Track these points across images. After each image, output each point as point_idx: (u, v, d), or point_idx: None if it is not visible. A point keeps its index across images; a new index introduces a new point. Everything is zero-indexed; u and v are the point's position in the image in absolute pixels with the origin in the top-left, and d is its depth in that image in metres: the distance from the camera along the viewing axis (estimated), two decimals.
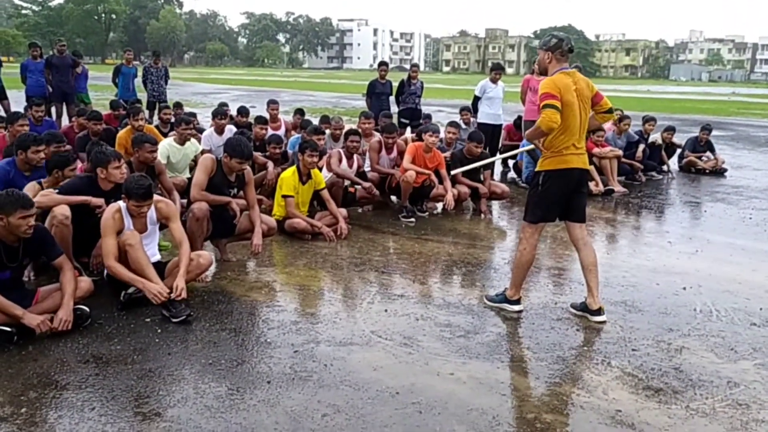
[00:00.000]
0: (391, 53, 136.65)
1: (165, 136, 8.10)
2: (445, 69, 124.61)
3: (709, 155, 11.39)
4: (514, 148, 9.84)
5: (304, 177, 6.41)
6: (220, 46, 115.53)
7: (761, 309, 4.73)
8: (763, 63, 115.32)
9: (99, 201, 4.65)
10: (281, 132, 8.97)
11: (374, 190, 7.35)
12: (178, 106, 10.95)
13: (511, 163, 10.28)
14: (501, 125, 10.01)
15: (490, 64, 11.05)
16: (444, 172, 7.46)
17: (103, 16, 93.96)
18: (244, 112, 9.50)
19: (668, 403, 3.34)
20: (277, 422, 3.07)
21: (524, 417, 3.18)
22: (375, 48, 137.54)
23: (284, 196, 6.31)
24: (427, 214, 7.60)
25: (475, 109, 9.85)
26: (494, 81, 9.78)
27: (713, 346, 4.06)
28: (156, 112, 11.23)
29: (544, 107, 4.09)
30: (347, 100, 27.75)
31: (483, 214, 7.65)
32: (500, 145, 10.19)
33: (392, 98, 11.48)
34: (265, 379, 3.49)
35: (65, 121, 11.59)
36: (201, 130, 9.07)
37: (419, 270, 5.55)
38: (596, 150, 9.33)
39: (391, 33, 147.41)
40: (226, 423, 3.05)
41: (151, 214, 4.59)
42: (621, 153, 9.75)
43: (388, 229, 6.92)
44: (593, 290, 4.39)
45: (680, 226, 7.47)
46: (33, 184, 4.97)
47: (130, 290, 4.34)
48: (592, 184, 8.86)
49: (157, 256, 4.75)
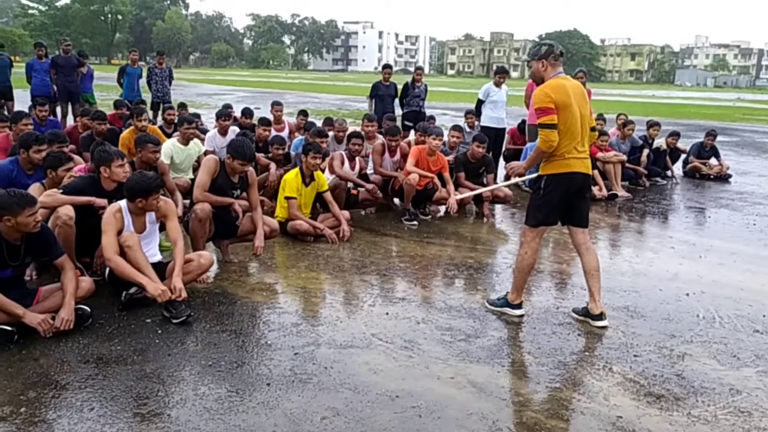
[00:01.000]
0: (396, 56, 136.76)
1: (169, 136, 8.10)
2: (450, 72, 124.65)
3: (713, 161, 11.37)
4: (518, 152, 9.86)
5: (307, 179, 6.40)
6: (225, 47, 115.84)
7: (764, 316, 4.71)
8: None
9: (103, 202, 4.65)
10: (285, 133, 8.98)
11: (378, 192, 7.34)
12: (182, 106, 10.95)
13: None
14: (504, 129, 9.99)
15: (494, 68, 11.04)
16: (447, 175, 7.46)
17: (109, 16, 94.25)
18: (248, 113, 9.51)
19: (670, 410, 3.32)
20: (276, 425, 3.06)
21: (524, 422, 3.16)
22: (380, 50, 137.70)
23: (287, 198, 6.30)
24: (430, 217, 7.59)
25: (479, 113, 9.84)
26: (498, 84, 9.77)
27: (716, 353, 4.04)
28: (160, 113, 11.24)
29: (541, 126, 4.06)
30: (352, 102, 27.76)
31: (485, 218, 7.64)
32: (504, 149, 10.18)
33: (396, 101, 11.48)
34: (265, 381, 3.48)
35: (70, 121, 11.60)
36: (205, 131, 9.07)
37: (421, 273, 5.53)
38: (600, 154, 9.32)
39: (396, 36, 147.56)
40: (226, 425, 3.04)
41: (150, 213, 4.59)
42: (625, 158, 9.73)
43: (391, 231, 6.91)
44: (595, 295, 4.37)
45: (684, 231, 7.44)
46: (37, 185, 4.98)
47: (131, 290, 4.34)
48: (595, 189, 8.84)
49: (157, 257, 4.74)
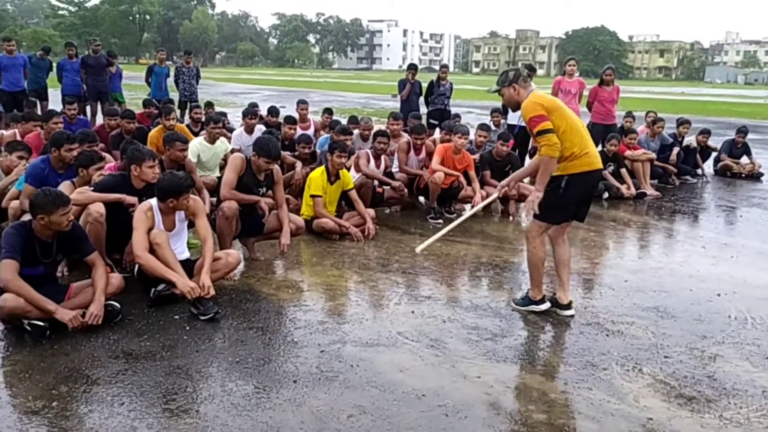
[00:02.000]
0: (421, 54, 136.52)
1: (196, 135, 8.18)
2: (475, 70, 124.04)
3: (745, 159, 11.15)
4: None
5: (333, 177, 6.42)
6: (251, 46, 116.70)
7: None
8: None
9: (132, 199, 4.71)
10: (310, 132, 9.01)
11: (404, 190, 7.34)
12: (209, 105, 11.06)
13: None
14: None
15: (520, 66, 10.97)
16: (473, 173, 7.42)
17: (138, 16, 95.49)
18: (274, 112, 9.56)
19: (701, 412, 3.26)
20: (303, 422, 3.07)
21: (552, 423, 3.13)
22: (404, 49, 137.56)
23: (312, 196, 6.32)
24: (455, 215, 7.56)
25: (506, 111, 9.77)
26: None
27: (748, 355, 3.96)
28: (187, 112, 11.36)
29: (539, 134, 4.00)
30: (376, 101, 27.79)
31: (511, 217, 7.59)
32: (530, 147, 10.08)
33: (421, 99, 11.45)
34: (292, 378, 3.49)
35: (100, 120, 11.78)
36: (231, 130, 9.15)
37: (446, 272, 5.52)
38: (628, 152, 9.20)
39: (421, 34, 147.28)
40: (253, 421, 3.06)
41: (180, 211, 4.64)
42: (654, 156, 9.59)
43: (416, 230, 6.90)
44: (565, 285, 4.48)
45: (714, 231, 7.31)
46: (67, 183, 5.06)
47: (160, 287, 4.39)
48: (623, 188, 8.74)
49: (186, 254, 4.79)
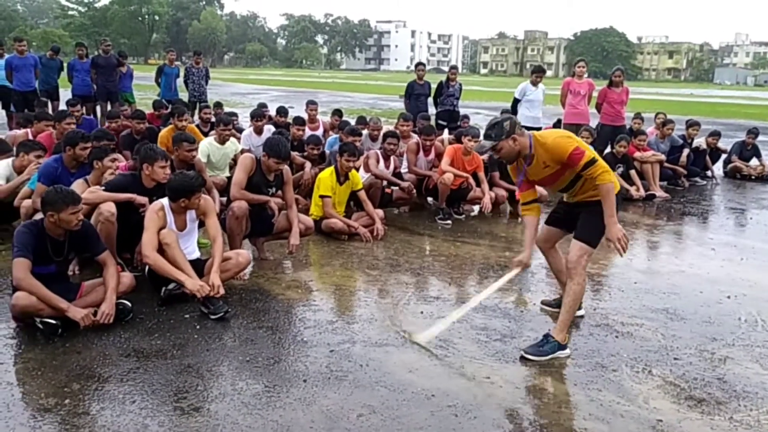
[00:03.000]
0: (429, 55, 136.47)
1: (205, 135, 8.22)
2: (483, 71, 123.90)
3: (754, 161, 11.10)
4: None
5: (342, 177, 6.43)
6: (259, 47, 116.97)
7: None
8: None
9: (143, 199, 4.74)
10: (319, 132, 9.03)
11: (413, 191, 7.35)
12: (218, 105, 11.11)
13: None
14: (541, 128, 9.87)
15: (529, 67, 10.97)
16: (482, 175, 7.42)
17: (147, 17, 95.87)
18: (283, 112, 9.58)
19: (711, 414, 3.25)
20: (313, 421, 3.08)
21: (562, 424, 3.13)
22: (412, 50, 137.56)
23: (322, 197, 6.34)
24: (464, 216, 7.56)
25: (515, 112, 9.76)
26: (535, 84, 9.68)
27: (758, 357, 3.94)
28: (197, 112, 11.40)
29: (588, 166, 3.72)
30: (384, 102, 27.80)
31: (520, 218, 7.56)
32: None
33: (430, 100, 11.46)
34: (302, 377, 3.50)
35: None
36: (240, 130, 9.18)
37: (455, 272, 5.52)
38: (638, 154, 9.17)
39: (429, 35, 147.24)
40: (263, 420, 3.08)
41: (191, 211, 4.66)
42: (663, 157, 9.56)
43: (425, 230, 6.90)
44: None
45: (724, 233, 7.28)
46: (80, 181, 5.10)
47: (170, 286, 4.42)
48: (632, 189, 8.72)
49: (196, 253, 4.82)
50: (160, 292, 4.44)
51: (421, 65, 11.59)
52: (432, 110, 11.31)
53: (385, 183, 7.27)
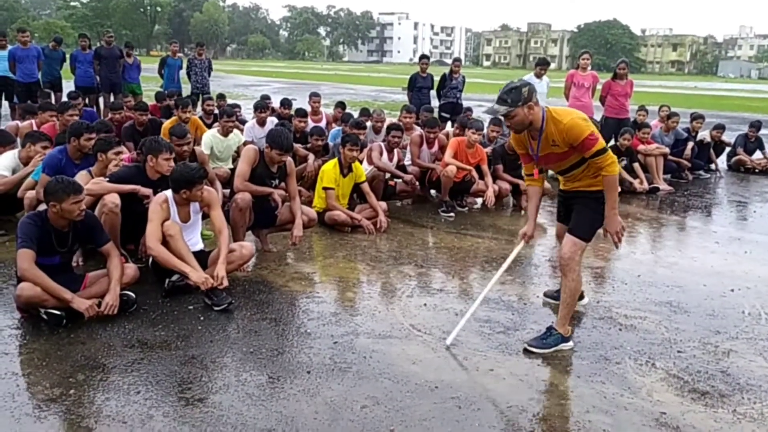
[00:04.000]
0: (432, 47, 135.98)
1: (209, 127, 8.23)
2: (486, 63, 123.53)
3: (758, 154, 11.07)
4: None
5: (345, 170, 6.43)
6: (261, 38, 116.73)
7: None
8: None
9: (147, 191, 4.74)
10: (322, 124, 9.01)
11: (416, 183, 7.34)
12: (221, 97, 11.09)
13: None
14: None
15: (532, 59, 10.94)
16: (485, 167, 7.41)
17: (149, 8, 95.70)
18: (286, 104, 9.57)
19: (715, 407, 3.26)
20: (317, 412, 3.09)
21: (565, 416, 3.14)
22: (415, 42, 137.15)
23: (325, 189, 6.34)
24: (467, 209, 7.55)
25: None
26: (539, 76, 9.64)
27: (762, 350, 3.94)
28: (200, 104, 11.39)
29: (599, 154, 3.61)
30: (387, 94, 27.72)
31: (523, 211, 7.56)
32: None
33: (433, 92, 11.44)
34: (305, 369, 3.51)
35: None
36: (243, 122, 9.17)
37: (458, 265, 5.52)
38: (642, 147, 9.15)
39: (432, 27, 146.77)
40: (267, 411, 3.08)
41: (195, 203, 4.66)
42: (667, 150, 9.54)
43: (428, 223, 6.90)
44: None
45: (728, 226, 7.27)
46: (84, 172, 5.10)
47: (174, 278, 4.42)
48: (636, 182, 8.70)
49: (199, 245, 4.82)
50: (164, 284, 4.45)
51: (425, 58, 11.57)
52: (435, 102, 11.28)
53: (389, 175, 7.27)
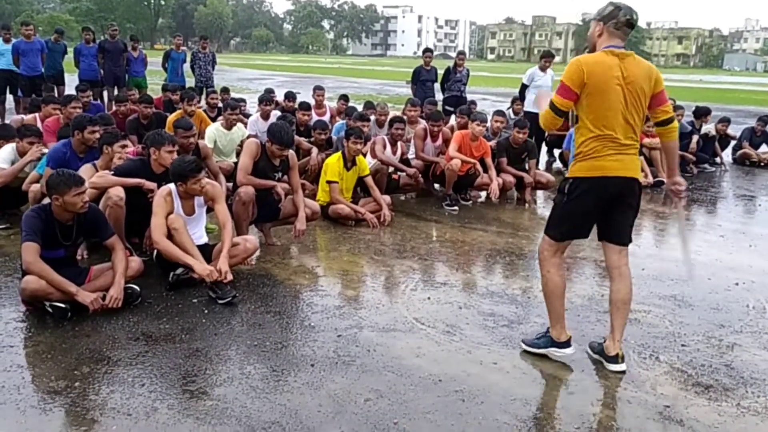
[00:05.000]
0: (436, 40, 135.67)
1: (213, 120, 8.22)
2: (490, 57, 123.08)
3: (764, 147, 11.02)
4: (560, 138, 9.72)
5: (349, 163, 6.42)
6: (265, 32, 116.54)
7: None
8: None
9: (151, 185, 4.74)
10: (326, 118, 9.00)
11: (419, 177, 7.33)
12: (225, 91, 11.08)
13: (557, 153, 10.12)
14: None
15: (536, 52, 10.90)
16: (489, 161, 7.40)
17: (152, 1, 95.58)
18: (291, 97, 9.53)
19: (719, 401, 3.25)
20: (321, 405, 3.10)
21: (569, 409, 3.14)
22: (419, 35, 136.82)
23: (329, 182, 6.34)
24: (471, 202, 7.54)
25: (523, 98, 9.69)
26: (543, 69, 9.58)
27: (766, 344, 3.94)
28: (203, 97, 11.38)
29: (550, 104, 3.39)
30: (391, 87, 27.68)
31: (527, 204, 7.56)
32: (546, 135, 10.02)
33: (437, 85, 11.41)
34: (309, 362, 3.52)
35: None
36: (247, 116, 9.16)
37: (462, 258, 5.52)
38: (646, 140, 9.08)
39: (436, 20, 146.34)
40: (271, 404, 3.09)
41: (199, 196, 4.66)
42: None
43: (432, 216, 6.90)
44: (616, 332, 3.52)
45: (733, 220, 7.25)
46: (88, 166, 5.11)
47: (179, 271, 4.43)
48: (641, 176, 8.65)
49: (204, 239, 4.83)
50: (168, 277, 4.46)
51: (429, 51, 11.55)
52: (439, 96, 11.26)
53: (392, 169, 7.26)
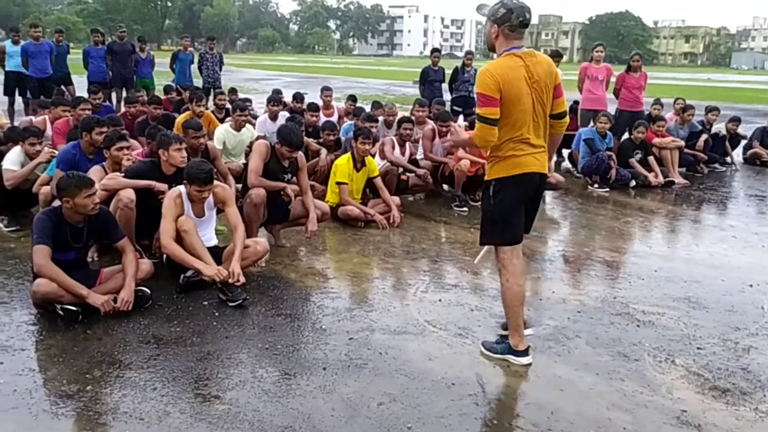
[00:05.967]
0: (442, 40, 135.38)
1: (221, 121, 8.22)
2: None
3: None
4: (569, 138, 9.67)
5: (358, 164, 6.40)
6: (271, 32, 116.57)
7: None
8: None
9: (162, 186, 4.73)
10: (334, 118, 8.98)
11: (428, 178, 7.30)
12: (233, 91, 11.09)
13: (566, 153, 10.07)
14: None
15: (543, 51, 10.84)
16: None
17: (159, 3, 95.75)
18: (299, 98, 9.53)
19: (736, 405, 3.21)
20: (334, 409, 3.07)
21: (584, 413, 3.10)
22: (425, 35, 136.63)
23: (338, 183, 6.32)
24: (480, 203, 7.49)
25: None
26: None
27: None
28: (211, 98, 11.38)
29: (479, 119, 3.38)
30: (397, 87, 27.65)
31: None
32: None
33: (445, 86, 11.37)
34: (321, 365, 3.50)
35: (124, 107, 11.85)
36: (255, 116, 9.15)
37: (473, 260, 5.48)
38: (656, 140, 9.05)
39: (442, 19, 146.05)
40: (284, 408, 3.07)
41: (209, 198, 4.65)
42: (682, 143, 9.42)
43: (441, 218, 6.87)
44: (520, 326, 3.60)
45: (745, 220, 7.18)
46: (98, 167, 5.11)
47: (189, 273, 4.42)
48: (651, 176, 8.62)
49: (213, 241, 4.82)
50: (178, 279, 4.44)
51: (437, 51, 11.54)
52: (447, 96, 11.22)
53: (401, 170, 7.23)
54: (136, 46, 12.60)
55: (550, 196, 8.00)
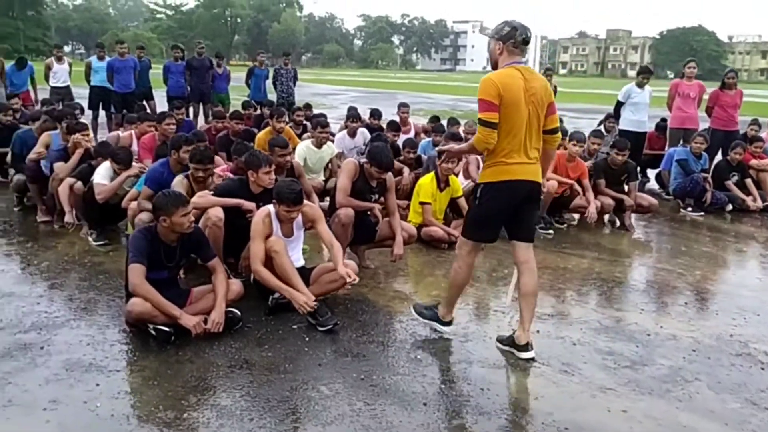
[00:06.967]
0: None
1: (298, 137, 8.18)
2: (562, 71, 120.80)
3: None
4: (657, 158, 9.26)
5: (442, 184, 6.22)
6: (336, 47, 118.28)
7: None
8: None
9: (251, 205, 4.66)
10: (410, 135, 8.83)
11: None
12: (308, 107, 11.08)
13: (653, 174, 9.61)
14: (645, 133, 9.26)
15: (610, 67, 10.41)
16: (587, 182, 7.03)
17: (229, 19, 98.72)
18: (376, 115, 9.44)
19: None
20: None
21: None
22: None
23: (422, 203, 6.14)
24: (566, 225, 7.19)
25: (618, 115, 9.22)
26: (641, 85, 9.04)
27: None
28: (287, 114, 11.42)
29: (480, 123, 3.59)
30: (464, 103, 27.37)
31: (627, 229, 7.12)
32: (642, 155, 9.52)
33: None
34: (421, 400, 3.30)
35: (201, 121, 12.05)
36: (331, 133, 9.09)
37: (565, 287, 5.19)
38: (754, 162, 8.51)
39: None
40: None
41: (298, 218, 4.55)
42: None
43: None
44: (525, 323, 3.81)
45: None
46: (181, 177, 5.07)
47: (277, 295, 4.31)
48: (749, 199, 8.10)
49: (301, 261, 4.71)
50: (267, 300, 4.34)
51: None
52: None
53: None
54: (213, 61, 12.82)
55: (641, 219, 7.59)
